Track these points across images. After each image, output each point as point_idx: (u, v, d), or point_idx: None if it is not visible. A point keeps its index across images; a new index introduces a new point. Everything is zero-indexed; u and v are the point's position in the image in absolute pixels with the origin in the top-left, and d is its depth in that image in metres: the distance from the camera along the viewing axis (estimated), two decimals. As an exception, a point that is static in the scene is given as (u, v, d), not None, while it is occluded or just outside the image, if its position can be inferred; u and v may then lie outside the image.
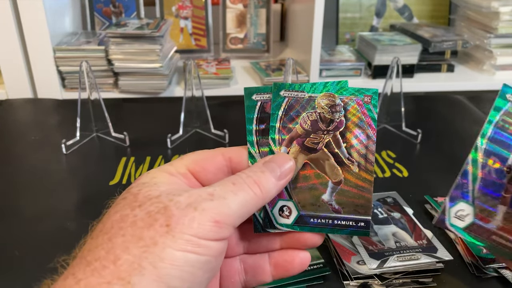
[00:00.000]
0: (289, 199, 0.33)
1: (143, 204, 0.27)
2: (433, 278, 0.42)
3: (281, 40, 1.24)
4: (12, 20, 0.81)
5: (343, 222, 0.33)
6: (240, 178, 0.29)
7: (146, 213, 0.26)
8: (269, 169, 0.30)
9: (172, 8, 1.06)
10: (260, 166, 0.30)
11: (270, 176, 0.30)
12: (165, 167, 0.31)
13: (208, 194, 0.27)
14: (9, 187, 0.60)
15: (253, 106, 0.34)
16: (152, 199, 0.27)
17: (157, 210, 0.26)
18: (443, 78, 1.01)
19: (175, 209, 0.26)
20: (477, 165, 0.32)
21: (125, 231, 0.25)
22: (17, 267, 0.46)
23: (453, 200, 0.32)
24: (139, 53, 0.86)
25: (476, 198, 0.32)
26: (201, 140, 0.71)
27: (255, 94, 0.34)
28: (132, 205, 0.27)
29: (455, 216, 0.32)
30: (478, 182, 0.32)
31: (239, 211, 0.27)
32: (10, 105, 0.84)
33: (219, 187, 0.28)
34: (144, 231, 0.25)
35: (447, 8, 1.17)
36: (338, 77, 0.98)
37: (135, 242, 0.25)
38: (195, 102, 0.71)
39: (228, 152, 0.32)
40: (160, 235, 0.25)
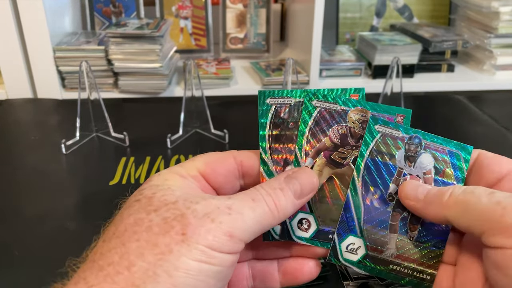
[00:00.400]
0: (310, 212, 0.32)
1: (159, 209, 0.26)
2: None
3: (281, 40, 1.24)
4: (12, 20, 0.81)
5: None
6: (259, 194, 0.28)
7: (162, 218, 0.25)
8: (290, 187, 0.29)
9: (172, 8, 1.06)
10: (281, 182, 0.29)
11: (289, 195, 0.29)
12: (176, 168, 0.30)
13: (226, 207, 0.27)
14: (9, 187, 0.60)
15: (267, 110, 0.33)
16: (168, 204, 0.26)
17: (173, 217, 0.25)
18: (443, 78, 1.01)
19: (192, 218, 0.25)
20: (358, 198, 0.32)
21: (140, 235, 0.25)
22: (17, 267, 0.45)
23: (340, 236, 0.32)
24: (139, 53, 0.86)
25: (364, 230, 0.32)
26: (201, 140, 0.71)
27: (269, 98, 0.34)
28: (147, 209, 0.26)
29: (347, 251, 0.32)
30: (362, 214, 0.32)
31: (254, 227, 0.27)
32: (10, 105, 0.84)
33: (238, 201, 0.27)
34: (159, 237, 0.25)
35: (447, 8, 1.17)
36: (338, 77, 0.98)
37: (150, 249, 0.24)
38: (195, 102, 0.71)
39: (240, 155, 0.32)
40: (175, 243, 0.24)
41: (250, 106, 0.86)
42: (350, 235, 0.32)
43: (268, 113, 0.33)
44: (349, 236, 0.31)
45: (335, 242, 0.32)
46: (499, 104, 0.90)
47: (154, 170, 0.63)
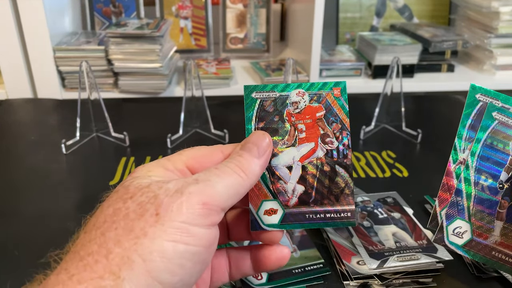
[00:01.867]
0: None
1: (134, 195, 0.27)
2: (433, 278, 0.42)
3: (281, 40, 1.24)
4: (12, 20, 0.81)
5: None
6: (222, 165, 0.29)
7: (137, 204, 0.26)
8: (246, 150, 0.31)
9: (172, 8, 1.06)
10: (238, 151, 0.31)
11: (249, 157, 0.30)
12: (162, 161, 0.31)
13: (193, 179, 0.27)
14: (9, 187, 0.60)
15: (253, 104, 0.35)
16: (142, 189, 0.27)
17: (147, 200, 0.26)
18: (443, 78, 1.01)
19: (164, 197, 0.26)
20: (469, 183, 0.33)
21: (118, 224, 0.25)
22: (17, 267, 0.45)
23: (449, 218, 0.32)
24: (139, 53, 0.86)
25: (472, 215, 0.32)
26: (201, 140, 0.71)
27: (255, 92, 0.35)
28: (123, 197, 0.27)
29: (453, 234, 0.32)
30: (472, 199, 0.32)
31: (225, 193, 0.28)
32: (10, 105, 0.84)
33: (203, 173, 0.28)
34: (135, 222, 0.25)
35: (447, 8, 1.17)
36: (338, 77, 0.98)
37: (127, 235, 0.25)
38: (195, 102, 0.71)
39: (227, 149, 0.33)
40: (150, 225, 0.25)
41: (250, 106, 0.86)
42: (458, 219, 0.32)
43: (253, 107, 0.35)
44: (457, 220, 0.32)
45: (443, 224, 0.33)
46: (499, 104, 0.90)
47: (154, 170, 0.63)
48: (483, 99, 0.34)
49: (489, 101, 0.34)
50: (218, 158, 0.32)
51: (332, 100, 0.35)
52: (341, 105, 0.35)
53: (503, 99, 0.34)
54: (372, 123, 0.73)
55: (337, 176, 0.34)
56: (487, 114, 0.33)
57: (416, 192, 0.57)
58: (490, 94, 0.34)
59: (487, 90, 0.34)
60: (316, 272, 0.43)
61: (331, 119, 0.34)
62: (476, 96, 0.34)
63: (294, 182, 0.34)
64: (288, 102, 0.35)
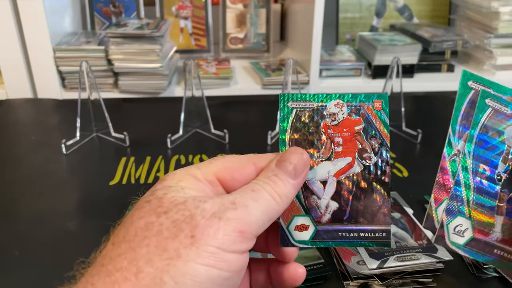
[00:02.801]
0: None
1: (169, 210, 0.26)
2: (433, 278, 0.42)
3: (281, 40, 1.24)
4: (12, 20, 0.81)
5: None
6: (257, 184, 0.28)
7: (172, 221, 0.25)
8: (283, 170, 0.29)
9: (172, 8, 1.06)
10: (273, 169, 0.29)
11: (285, 178, 0.29)
12: (192, 170, 0.29)
13: (230, 202, 0.26)
14: (9, 187, 0.60)
15: (288, 114, 0.33)
16: (178, 205, 0.26)
17: (183, 218, 0.25)
18: (443, 78, 1.01)
19: (200, 219, 0.25)
20: (467, 171, 0.32)
21: (150, 240, 0.24)
22: (17, 267, 0.45)
23: (450, 214, 0.31)
24: (139, 53, 0.86)
25: (472, 209, 0.31)
26: (201, 140, 0.71)
27: (291, 101, 0.33)
28: (157, 211, 0.26)
29: (454, 233, 0.31)
30: (472, 190, 0.31)
31: (261, 219, 0.27)
32: (10, 105, 0.84)
33: (239, 195, 0.27)
34: (169, 241, 0.24)
35: (447, 8, 1.17)
36: (338, 77, 0.98)
37: (159, 254, 0.24)
38: (195, 102, 0.71)
39: (259, 161, 0.31)
40: (184, 246, 0.24)
41: (250, 106, 0.86)
42: (459, 216, 0.31)
43: (289, 117, 0.33)
44: (458, 217, 0.31)
45: (443, 222, 0.32)
46: (499, 104, 0.90)
47: (154, 170, 0.63)
48: (475, 86, 0.33)
49: (481, 88, 0.33)
50: (250, 171, 0.30)
51: (372, 113, 0.33)
52: (382, 119, 0.33)
53: (495, 87, 0.33)
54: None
55: (374, 194, 0.32)
56: (480, 101, 0.32)
57: (416, 192, 0.57)
58: (482, 82, 0.32)
59: (479, 77, 0.33)
60: (316, 272, 0.43)
61: (370, 133, 0.33)
62: (468, 84, 0.33)
63: (328, 197, 0.33)
64: (326, 113, 0.33)
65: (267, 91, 0.92)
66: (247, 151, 0.72)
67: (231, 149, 0.68)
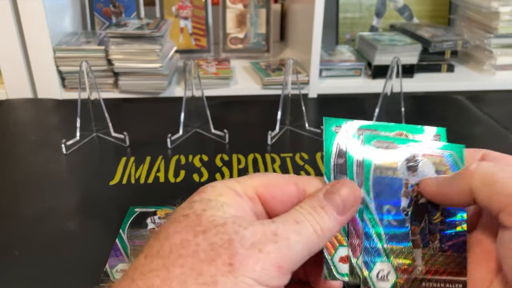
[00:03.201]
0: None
1: (207, 231, 0.25)
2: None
3: (281, 40, 1.24)
4: (12, 20, 0.81)
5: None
6: (302, 215, 0.27)
7: (209, 244, 0.24)
8: (331, 203, 0.27)
9: (172, 8, 1.06)
10: (322, 200, 0.28)
11: (332, 212, 0.27)
12: (232, 183, 0.28)
13: (272, 233, 0.25)
14: (9, 187, 0.60)
15: (333, 138, 0.31)
16: (217, 226, 0.25)
17: (221, 243, 0.24)
18: (443, 78, 1.01)
19: (239, 247, 0.24)
20: (375, 222, 0.31)
21: (185, 261, 0.24)
22: (17, 267, 0.45)
23: (368, 265, 0.30)
24: (139, 53, 0.86)
25: (389, 253, 0.30)
26: (201, 140, 0.71)
27: (335, 126, 0.31)
28: (195, 229, 0.25)
29: (379, 279, 0.30)
30: (384, 238, 0.31)
31: (301, 253, 0.26)
32: (10, 105, 0.84)
33: (282, 225, 0.26)
34: (204, 265, 0.23)
35: (447, 8, 1.17)
36: (338, 77, 0.98)
37: (195, 278, 0.23)
38: (195, 102, 0.71)
39: (303, 183, 0.30)
40: (221, 274, 0.23)
41: (250, 106, 0.86)
42: (378, 262, 0.31)
43: (333, 142, 0.31)
44: (377, 263, 0.30)
45: (364, 274, 0.30)
46: (499, 104, 0.90)
47: (154, 170, 0.63)
48: (339, 130, 0.32)
49: (364, 134, 0.31)
50: (292, 191, 0.29)
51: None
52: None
53: (379, 127, 0.32)
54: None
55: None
56: (366, 143, 0.31)
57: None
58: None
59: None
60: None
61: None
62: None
63: None
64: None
65: (267, 91, 0.92)
66: (247, 151, 0.72)
67: (231, 149, 0.68)
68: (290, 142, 0.71)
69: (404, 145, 0.31)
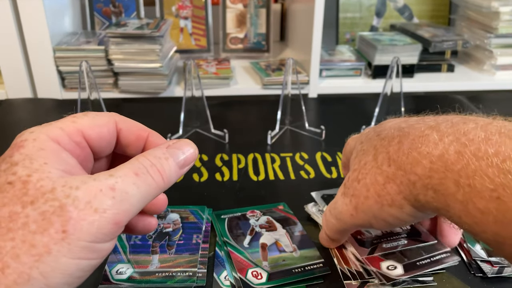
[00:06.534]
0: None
1: (36, 201, 0.23)
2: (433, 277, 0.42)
3: (281, 40, 1.24)
4: (12, 20, 0.81)
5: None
6: (143, 167, 0.27)
7: (39, 213, 0.23)
8: (173, 155, 0.29)
9: (172, 8, 1.06)
10: (164, 152, 0.29)
11: (173, 163, 0.29)
12: (54, 131, 0.27)
13: (109, 188, 0.25)
14: (9, 187, 0.60)
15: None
16: (46, 194, 0.24)
17: (52, 210, 0.23)
18: (443, 78, 1.01)
19: (73, 210, 0.23)
20: (122, 241, 0.45)
21: (15, 234, 0.23)
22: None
23: (111, 264, 0.42)
24: (139, 53, 0.86)
25: (130, 258, 0.43)
26: (201, 140, 0.71)
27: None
28: (22, 200, 0.23)
29: (117, 274, 0.41)
30: (128, 249, 0.44)
31: (138, 205, 0.26)
32: (10, 105, 0.84)
33: (121, 179, 0.25)
34: (37, 236, 0.23)
35: (447, 8, 1.17)
36: (338, 77, 0.98)
37: (27, 250, 0.23)
38: (195, 102, 0.71)
39: (121, 122, 0.31)
40: (55, 242, 0.23)
41: (250, 106, 0.86)
42: (119, 263, 0.42)
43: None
44: (118, 264, 0.42)
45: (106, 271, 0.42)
46: (499, 104, 0.90)
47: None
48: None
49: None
50: (113, 128, 0.30)
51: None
52: None
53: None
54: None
55: None
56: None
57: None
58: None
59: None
60: (316, 272, 0.43)
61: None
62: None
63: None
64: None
65: (267, 91, 0.92)
66: (247, 151, 0.72)
67: (231, 149, 0.68)
68: (290, 142, 0.71)
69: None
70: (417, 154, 0.32)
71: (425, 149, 0.31)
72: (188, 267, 0.42)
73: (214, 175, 0.61)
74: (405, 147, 0.33)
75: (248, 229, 0.48)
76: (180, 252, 0.44)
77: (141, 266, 0.42)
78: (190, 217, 0.50)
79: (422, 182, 0.31)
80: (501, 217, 0.26)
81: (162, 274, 0.41)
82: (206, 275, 0.42)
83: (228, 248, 0.45)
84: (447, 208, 0.30)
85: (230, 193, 0.57)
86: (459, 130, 0.30)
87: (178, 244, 0.45)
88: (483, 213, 0.27)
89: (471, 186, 0.27)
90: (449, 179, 0.29)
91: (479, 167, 0.27)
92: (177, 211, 0.51)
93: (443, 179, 0.29)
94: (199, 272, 0.42)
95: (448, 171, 0.29)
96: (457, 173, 0.28)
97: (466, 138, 0.29)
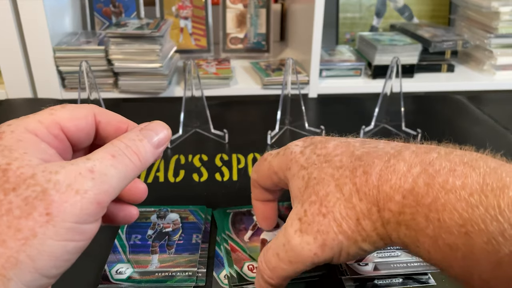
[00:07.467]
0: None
1: (18, 187, 0.24)
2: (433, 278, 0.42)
3: (281, 40, 1.24)
4: (12, 20, 0.81)
5: None
6: (119, 149, 0.28)
7: (22, 199, 0.24)
8: (147, 137, 0.30)
9: (172, 8, 1.06)
10: (138, 134, 0.30)
11: (148, 145, 0.29)
12: (32, 124, 0.28)
13: (88, 171, 0.25)
14: (9, 187, 0.60)
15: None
16: (27, 180, 0.24)
17: (35, 195, 0.24)
18: (443, 78, 1.01)
19: (54, 193, 0.24)
20: (122, 241, 0.46)
21: (0, 220, 0.23)
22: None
23: (110, 264, 0.43)
24: (139, 53, 0.86)
25: (130, 258, 0.44)
26: (201, 140, 0.71)
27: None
28: (4, 187, 0.24)
29: (117, 273, 0.42)
30: (128, 249, 0.45)
31: (119, 185, 0.27)
32: (10, 105, 0.84)
33: (98, 161, 0.26)
34: (22, 221, 0.23)
35: (447, 8, 1.17)
36: (338, 77, 0.98)
37: (13, 235, 0.23)
38: (195, 102, 0.71)
39: (99, 112, 0.32)
40: (40, 225, 0.23)
41: (250, 106, 0.86)
42: (118, 263, 0.43)
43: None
44: (117, 264, 0.43)
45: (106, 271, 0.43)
46: (499, 104, 0.90)
47: (154, 169, 0.63)
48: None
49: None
50: (92, 120, 0.31)
51: None
52: None
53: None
54: (372, 123, 0.73)
55: None
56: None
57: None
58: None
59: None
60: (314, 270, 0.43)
61: None
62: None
63: None
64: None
65: (267, 91, 0.92)
66: (247, 151, 0.72)
67: (231, 149, 0.68)
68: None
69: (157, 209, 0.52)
70: (389, 188, 0.30)
71: (397, 182, 0.30)
72: (188, 267, 0.42)
73: (214, 175, 0.61)
74: (374, 179, 0.31)
75: (251, 224, 0.48)
76: (179, 252, 0.45)
77: (140, 266, 0.42)
78: (190, 217, 0.50)
79: (396, 219, 0.30)
80: (469, 253, 0.25)
81: (162, 274, 0.42)
82: (206, 274, 0.42)
83: (226, 245, 0.45)
84: (417, 243, 0.29)
85: (230, 193, 0.57)
86: (424, 160, 0.30)
87: (178, 244, 0.46)
88: (452, 248, 0.26)
89: (441, 220, 0.27)
90: (419, 214, 0.28)
91: (448, 200, 0.27)
92: (177, 211, 0.51)
93: (414, 214, 0.29)
94: (199, 272, 0.42)
95: (419, 206, 0.28)
96: (427, 207, 0.28)
97: (433, 169, 0.29)
